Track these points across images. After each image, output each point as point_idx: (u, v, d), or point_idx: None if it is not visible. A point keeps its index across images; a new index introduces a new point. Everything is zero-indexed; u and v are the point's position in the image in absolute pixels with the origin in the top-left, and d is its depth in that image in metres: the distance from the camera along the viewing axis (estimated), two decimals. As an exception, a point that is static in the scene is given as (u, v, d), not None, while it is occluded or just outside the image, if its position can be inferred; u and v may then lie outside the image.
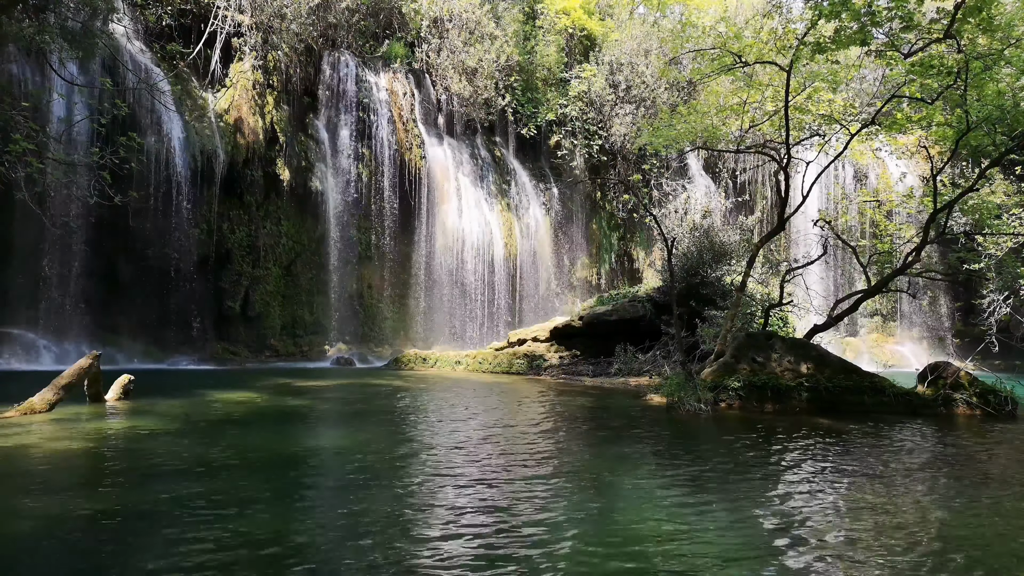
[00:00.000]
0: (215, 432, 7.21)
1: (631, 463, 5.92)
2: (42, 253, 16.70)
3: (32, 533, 3.74)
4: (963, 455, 6.75)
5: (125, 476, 5.10)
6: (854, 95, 20.05)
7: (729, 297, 15.35)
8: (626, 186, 26.78)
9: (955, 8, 9.69)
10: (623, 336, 16.60)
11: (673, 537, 3.80)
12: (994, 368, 19.10)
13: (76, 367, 8.46)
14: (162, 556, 3.36)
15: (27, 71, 16.16)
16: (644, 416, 9.16)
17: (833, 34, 10.32)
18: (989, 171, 12.58)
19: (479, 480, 5.10)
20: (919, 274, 13.93)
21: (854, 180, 28.31)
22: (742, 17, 22.31)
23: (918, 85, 10.95)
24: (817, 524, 4.14)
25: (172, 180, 18.23)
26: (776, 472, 5.64)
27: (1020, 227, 15.89)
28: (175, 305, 18.54)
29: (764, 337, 11.07)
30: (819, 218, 14.11)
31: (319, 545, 3.60)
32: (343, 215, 22.13)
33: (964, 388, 9.76)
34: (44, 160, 13.36)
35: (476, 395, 11.75)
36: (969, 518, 4.32)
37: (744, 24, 17.34)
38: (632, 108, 26.25)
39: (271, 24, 20.77)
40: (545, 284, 26.03)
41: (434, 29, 24.79)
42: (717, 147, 16.18)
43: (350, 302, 22.40)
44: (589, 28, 28.27)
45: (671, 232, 17.50)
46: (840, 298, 13.29)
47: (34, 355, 16.04)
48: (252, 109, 20.30)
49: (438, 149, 24.34)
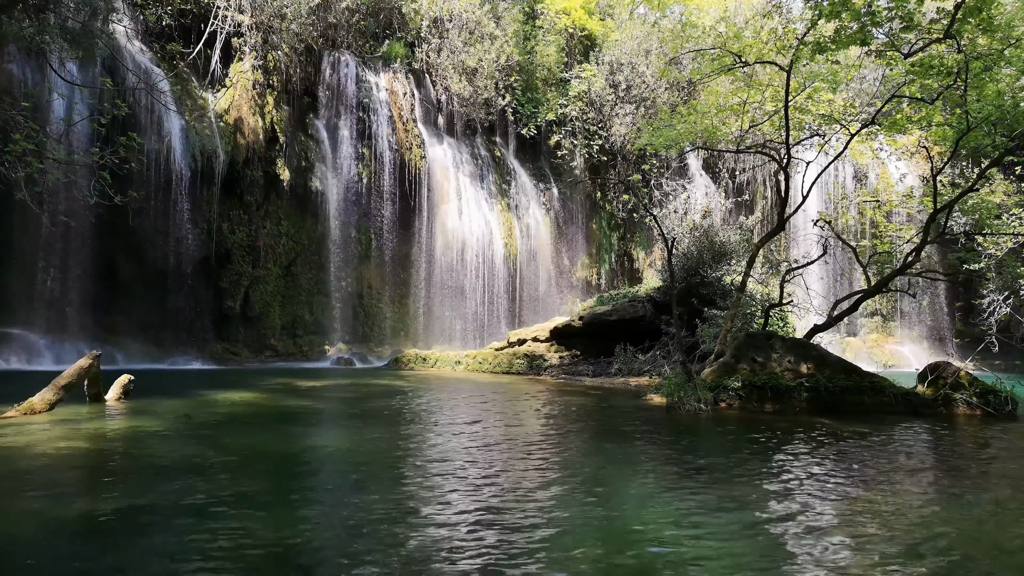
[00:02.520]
0: (215, 432, 7.21)
1: (631, 463, 5.92)
2: (42, 253, 16.70)
3: (32, 533, 3.74)
4: (964, 455, 6.75)
5: (125, 476, 5.10)
6: (854, 95, 20.06)
7: (729, 297, 15.35)
8: (626, 186, 26.79)
9: (955, 8, 9.69)
10: (623, 336, 16.61)
11: (675, 540, 3.80)
12: (994, 368, 19.09)
13: (76, 367, 8.45)
14: (162, 556, 3.36)
15: (27, 71, 16.17)
16: (644, 416, 9.16)
17: (833, 34, 10.31)
18: (989, 171, 12.58)
19: (479, 480, 5.10)
20: (919, 274, 13.93)
21: (854, 180, 28.31)
22: (742, 17, 22.31)
23: (918, 85, 10.95)
24: (818, 525, 4.14)
25: (172, 180, 18.23)
26: (777, 473, 5.64)
27: (1020, 227, 15.89)
28: (175, 305, 18.54)
29: (764, 337, 11.07)
30: (819, 218, 14.11)
31: (319, 545, 3.60)
32: (343, 215, 22.13)
33: (964, 388, 9.75)
34: (44, 160, 13.35)
35: (476, 395, 11.75)
36: (970, 518, 4.32)
37: (744, 24, 17.35)
38: (632, 108, 26.26)
39: (271, 24, 20.77)
40: (545, 284, 26.03)
41: (434, 29, 24.79)
42: (717, 147, 16.19)
43: (350, 302, 22.40)
44: (589, 28, 28.28)
45: (671, 232, 17.50)
46: (840, 298, 13.29)
47: (34, 355, 16.04)
48: (252, 109, 20.30)
49: (438, 149, 24.34)
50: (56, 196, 15.95)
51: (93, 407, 8.54)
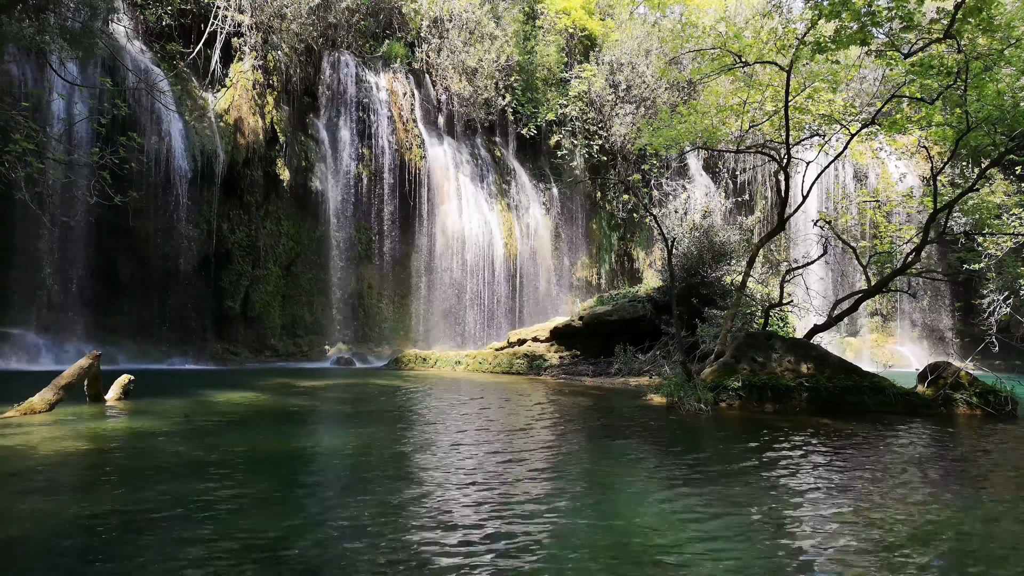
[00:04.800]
0: (215, 432, 7.21)
1: (631, 464, 5.91)
2: (42, 253, 16.69)
3: (32, 534, 3.74)
4: (964, 455, 6.75)
5: (125, 476, 5.10)
6: (854, 95, 20.06)
7: (729, 297, 15.35)
8: (626, 186, 26.79)
9: (955, 8, 9.68)
10: (623, 336, 16.61)
11: (675, 541, 3.80)
12: (994, 368, 19.11)
13: (76, 367, 8.45)
14: (162, 556, 3.36)
15: (27, 71, 16.16)
16: (644, 416, 9.16)
17: (833, 34, 10.31)
18: (989, 171, 12.58)
19: (478, 481, 5.10)
20: (919, 274, 13.94)
21: (854, 180, 28.31)
22: (742, 17, 22.32)
23: (918, 85, 10.94)
24: (818, 525, 4.14)
25: (172, 180, 18.22)
26: (778, 473, 5.64)
27: (1020, 227, 15.89)
28: (175, 305, 18.53)
29: (764, 337, 11.06)
30: (819, 218, 14.11)
31: (319, 545, 3.60)
32: (343, 215, 22.13)
33: (964, 388, 9.75)
34: (44, 160, 13.35)
35: (476, 395, 11.75)
36: (971, 518, 4.32)
37: (744, 24, 17.35)
38: (632, 108, 26.26)
39: (271, 24, 20.78)
40: (545, 284, 26.03)
41: (434, 29, 24.79)
42: (717, 147, 16.18)
43: (350, 302, 22.40)
44: (589, 28, 28.28)
45: (671, 232, 17.50)
46: (840, 298, 13.29)
47: (34, 355, 16.04)
48: (252, 109, 20.30)
49: (438, 149, 24.34)
50: (56, 196, 15.95)
51: (93, 407, 8.54)
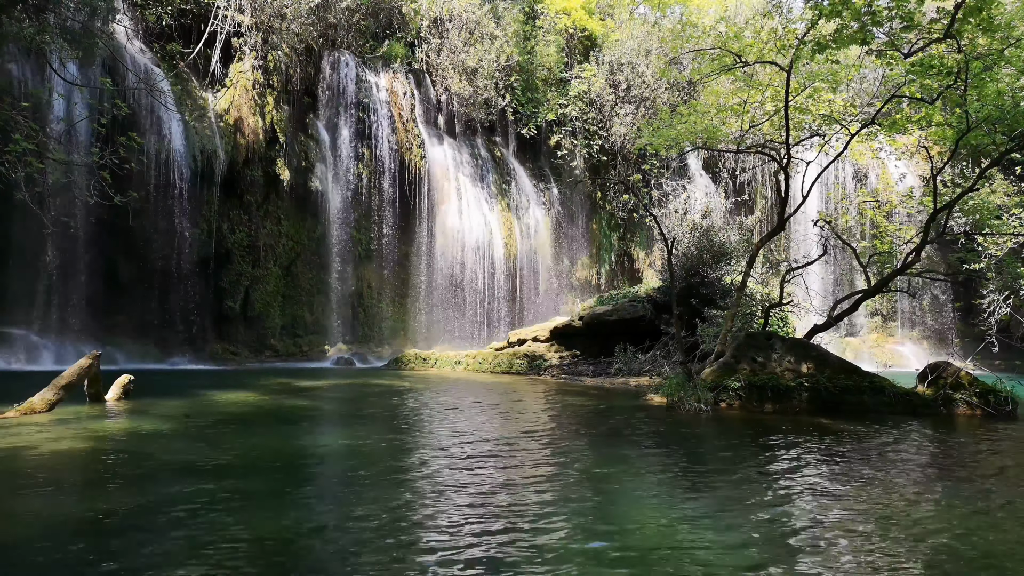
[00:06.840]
0: (215, 432, 7.21)
1: (631, 464, 5.91)
2: (42, 253, 16.67)
3: (32, 534, 3.74)
4: (964, 455, 6.75)
5: (125, 476, 5.10)
6: (854, 95, 20.07)
7: (729, 297, 15.35)
8: (626, 186, 26.77)
9: (955, 8, 9.68)
10: (623, 336, 16.61)
11: (675, 541, 3.80)
12: (994, 368, 19.09)
13: (76, 367, 8.46)
14: (162, 556, 3.36)
15: (27, 71, 16.15)
16: (644, 416, 9.16)
17: (833, 33, 10.31)
18: (989, 171, 12.57)
19: (479, 481, 5.10)
20: (919, 274, 13.93)
21: (854, 180, 28.31)
22: (742, 17, 22.32)
23: (918, 85, 10.94)
24: (819, 525, 4.14)
25: (172, 180, 18.21)
26: (778, 473, 5.64)
27: (1020, 227, 15.88)
28: (175, 305, 18.53)
29: (764, 337, 11.07)
30: (819, 218, 14.11)
31: (319, 546, 3.60)
32: (343, 215, 22.13)
33: (964, 388, 9.75)
34: (44, 160, 13.35)
35: (476, 395, 11.75)
36: (971, 518, 4.32)
37: (744, 24, 17.33)
38: (632, 108, 26.25)
39: (271, 24, 20.77)
40: (545, 284, 26.02)
41: (434, 29, 24.78)
42: (717, 147, 16.18)
43: (350, 302, 22.39)
44: (589, 28, 28.26)
45: (671, 232, 17.49)
46: (840, 298, 13.29)
47: (34, 355, 16.03)
48: (252, 109, 20.30)
49: (438, 149, 24.33)
50: (56, 196, 15.94)
51: (93, 407, 8.54)
